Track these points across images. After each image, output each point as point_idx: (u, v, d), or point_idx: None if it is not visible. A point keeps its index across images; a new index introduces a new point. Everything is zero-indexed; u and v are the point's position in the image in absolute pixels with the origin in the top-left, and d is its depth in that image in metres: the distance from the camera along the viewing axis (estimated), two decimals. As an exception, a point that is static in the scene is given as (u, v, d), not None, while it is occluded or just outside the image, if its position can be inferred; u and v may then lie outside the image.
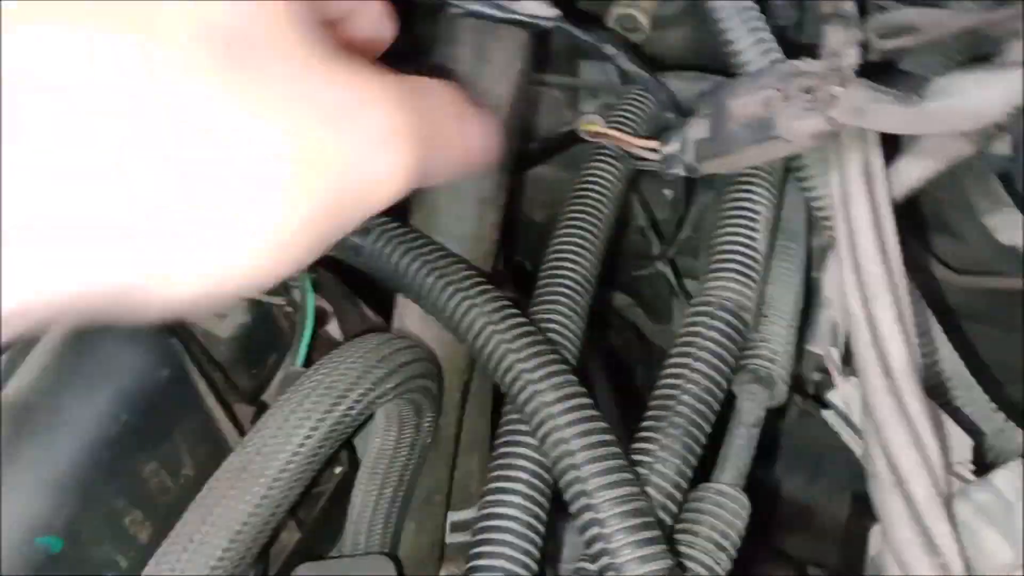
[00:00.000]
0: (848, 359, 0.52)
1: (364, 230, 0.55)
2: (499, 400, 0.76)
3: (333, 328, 0.80)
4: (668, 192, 0.98)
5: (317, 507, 0.64)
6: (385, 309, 0.74)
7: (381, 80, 0.38)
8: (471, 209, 0.65)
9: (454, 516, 0.76)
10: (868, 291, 0.46)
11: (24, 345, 0.52)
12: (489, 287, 0.55)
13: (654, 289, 1.02)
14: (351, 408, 0.50)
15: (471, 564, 0.50)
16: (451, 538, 0.76)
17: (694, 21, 0.87)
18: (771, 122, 0.50)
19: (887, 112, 0.46)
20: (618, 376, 1.16)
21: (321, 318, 0.74)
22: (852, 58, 0.50)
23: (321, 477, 0.61)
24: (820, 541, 1.35)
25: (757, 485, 0.59)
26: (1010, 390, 0.90)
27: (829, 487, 1.32)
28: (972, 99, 0.42)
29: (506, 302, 0.53)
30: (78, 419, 0.52)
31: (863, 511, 1.26)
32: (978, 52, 0.70)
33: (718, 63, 0.87)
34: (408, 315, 0.66)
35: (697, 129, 0.55)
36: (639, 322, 1.13)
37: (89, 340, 0.54)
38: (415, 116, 0.41)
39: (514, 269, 1.04)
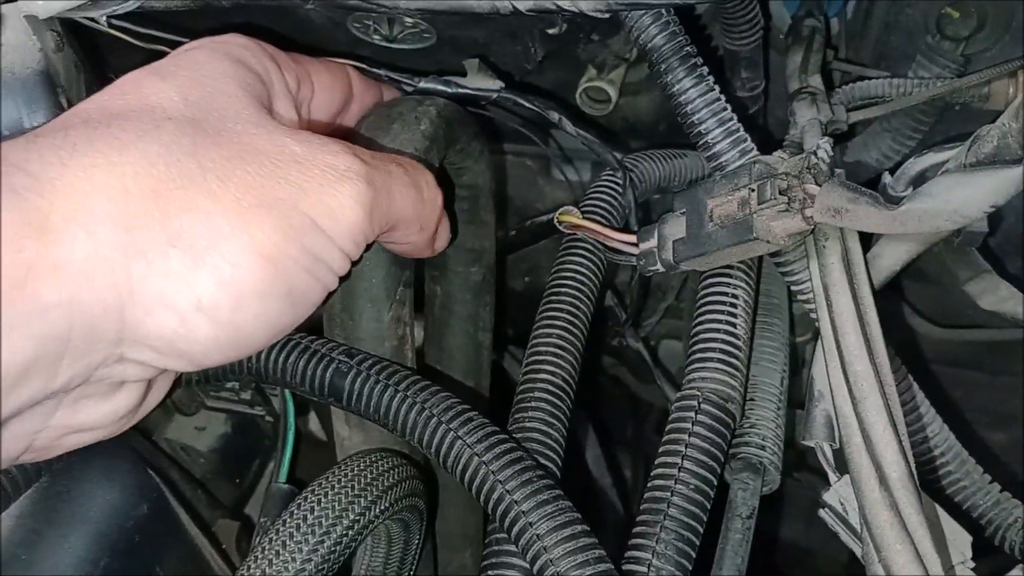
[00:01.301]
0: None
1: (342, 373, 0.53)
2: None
3: (314, 419, 0.78)
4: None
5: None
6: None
7: (328, 141, 0.43)
8: (364, 308, 0.61)
9: (451, 611, 0.74)
10: (857, 392, 0.45)
11: (-4, 496, 0.51)
12: (467, 410, 0.53)
13: (633, 353, 1.01)
14: (338, 543, 0.48)
15: None
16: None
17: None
18: (748, 223, 0.49)
19: (864, 213, 0.45)
20: (608, 434, 1.15)
21: (301, 409, 0.73)
22: (825, 152, 0.50)
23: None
24: (821, 584, 1.35)
25: (756, 531, 0.58)
26: (995, 436, 0.90)
27: (828, 531, 1.32)
28: (952, 201, 0.42)
29: (488, 425, 0.52)
30: (56, 568, 0.50)
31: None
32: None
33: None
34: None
35: (674, 227, 0.55)
36: (627, 380, 1.13)
37: (63, 484, 0.52)
38: (370, 169, 0.45)
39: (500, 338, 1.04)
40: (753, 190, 0.49)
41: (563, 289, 0.62)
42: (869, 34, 0.75)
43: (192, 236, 0.40)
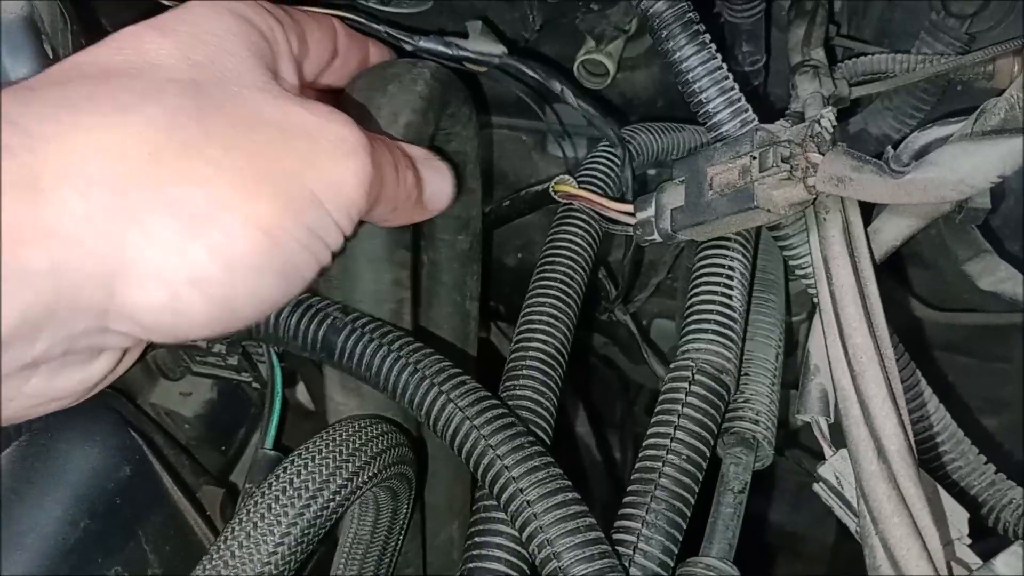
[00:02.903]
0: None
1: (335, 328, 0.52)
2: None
3: (301, 391, 0.77)
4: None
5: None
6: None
7: (335, 111, 0.42)
8: (364, 269, 0.61)
9: (437, 585, 0.73)
10: (856, 365, 0.44)
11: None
12: (460, 374, 0.52)
13: (629, 330, 1.00)
14: (323, 508, 0.47)
15: None
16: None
17: (661, 62, 0.86)
18: (749, 191, 0.48)
19: (868, 182, 0.44)
20: (597, 413, 1.15)
21: (289, 379, 0.72)
22: (828, 121, 0.49)
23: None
24: (807, 565, 1.35)
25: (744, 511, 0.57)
26: (988, 421, 0.90)
27: (813, 513, 1.32)
28: (958, 170, 0.41)
29: (480, 390, 0.51)
30: (35, 528, 0.49)
31: (849, 535, 1.25)
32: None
33: (687, 104, 0.87)
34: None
35: (672, 196, 0.53)
36: (617, 360, 1.12)
37: (42, 444, 0.51)
38: (371, 144, 0.44)
39: (489, 314, 1.03)
40: (755, 158, 0.48)
41: (557, 259, 0.61)
42: (871, 11, 0.74)
43: (191, 205, 0.38)
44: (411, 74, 0.58)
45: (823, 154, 0.47)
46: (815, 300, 0.58)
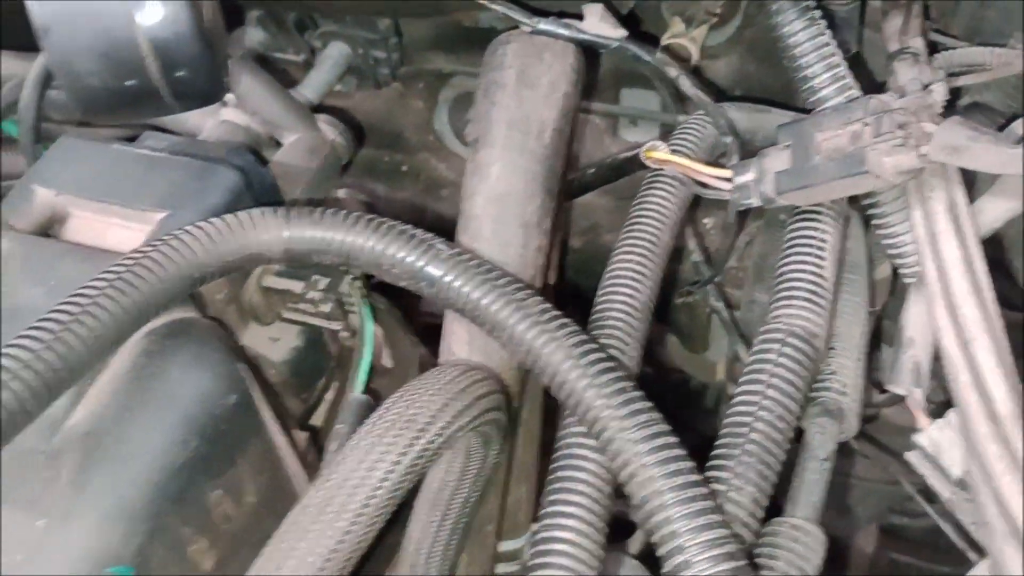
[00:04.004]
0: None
1: (436, 260, 0.54)
2: (545, 431, 0.76)
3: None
4: (707, 221, 0.98)
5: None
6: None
7: None
8: (516, 235, 0.63)
9: (502, 546, 0.74)
10: (966, 333, 0.45)
11: (92, 373, 0.51)
12: (556, 314, 0.54)
13: (692, 318, 1.01)
14: (431, 442, 0.48)
15: None
16: (498, 568, 0.75)
17: (740, 51, 0.87)
18: (860, 157, 0.49)
19: (983, 151, 0.45)
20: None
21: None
22: (940, 95, 0.50)
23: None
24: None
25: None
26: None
27: (856, 521, 1.31)
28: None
29: (581, 333, 0.52)
30: (147, 445, 0.51)
31: (890, 544, 1.24)
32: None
33: (764, 93, 0.88)
34: (456, 343, 0.65)
35: (776, 160, 0.55)
36: (671, 350, 1.12)
37: (158, 365, 0.53)
38: None
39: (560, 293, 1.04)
40: (867, 124, 0.50)
41: (645, 219, 0.63)
42: (962, 10, 0.74)
43: None
44: (559, 44, 0.60)
45: (936, 124, 0.48)
46: (904, 278, 0.59)
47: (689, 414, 1.05)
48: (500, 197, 0.63)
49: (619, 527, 0.56)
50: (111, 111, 0.53)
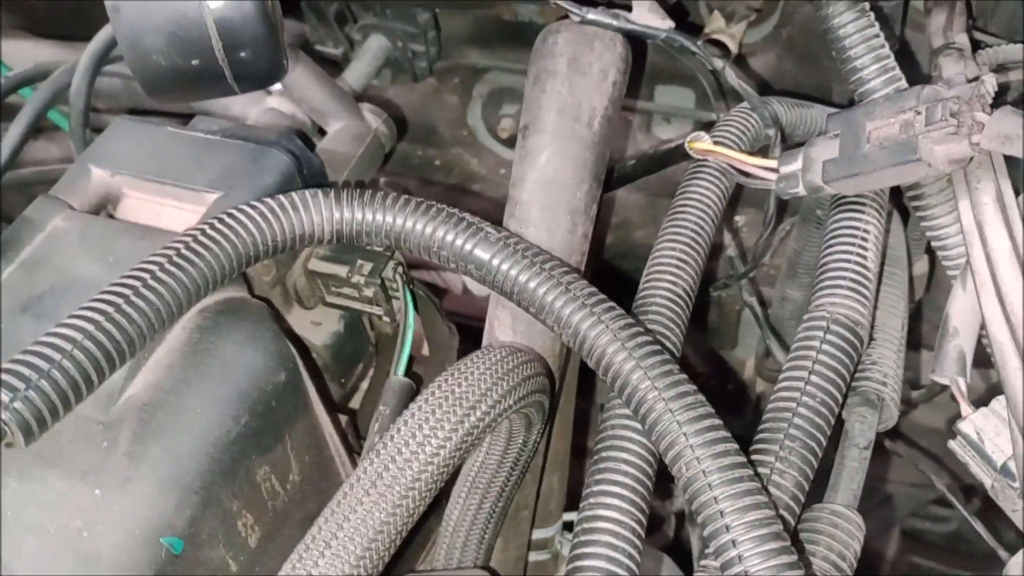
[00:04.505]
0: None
1: (484, 244, 0.54)
2: (577, 421, 0.76)
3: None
4: (739, 218, 0.98)
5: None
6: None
7: None
8: (563, 220, 0.64)
9: (533, 535, 0.75)
10: (1016, 320, 0.46)
11: (148, 347, 0.52)
12: (603, 297, 0.54)
13: (722, 315, 1.01)
14: (481, 419, 0.49)
15: (572, 565, 0.49)
16: (530, 556, 0.75)
17: (777, 49, 0.88)
18: (911, 145, 0.50)
19: (1037, 140, 0.46)
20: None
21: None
22: (991, 85, 0.50)
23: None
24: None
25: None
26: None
27: (878, 523, 1.31)
28: None
29: (627, 317, 0.53)
30: (201, 418, 0.51)
31: (911, 548, 1.24)
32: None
33: (798, 91, 0.88)
34: (499, 327, 0.66)
35: (824, 149, 0.55)
36: (697, 347, 1.13)
37: (211, 341, 0.54)
38: None
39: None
40: (920, 112, 0.50)
41: (688, 209, 0.63)
42: (1002, 10, 0.75)
43: None
44: (609, 34, 0.61)
45: (987, 114, 0.49)
46: (948, 270, 0.60)
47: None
48: (549, 183, 0.63)
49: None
50: (174, 90, 0.54)
